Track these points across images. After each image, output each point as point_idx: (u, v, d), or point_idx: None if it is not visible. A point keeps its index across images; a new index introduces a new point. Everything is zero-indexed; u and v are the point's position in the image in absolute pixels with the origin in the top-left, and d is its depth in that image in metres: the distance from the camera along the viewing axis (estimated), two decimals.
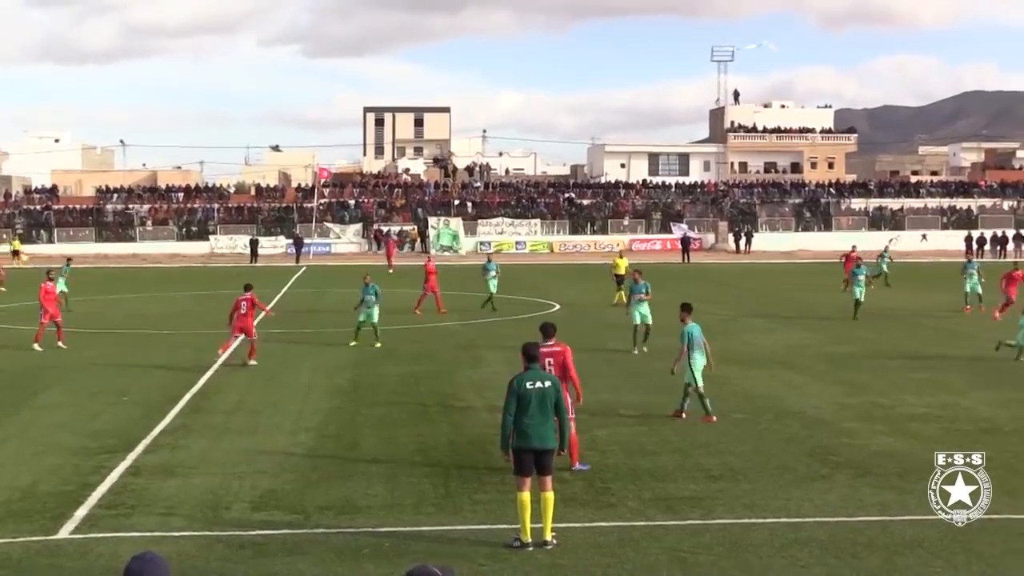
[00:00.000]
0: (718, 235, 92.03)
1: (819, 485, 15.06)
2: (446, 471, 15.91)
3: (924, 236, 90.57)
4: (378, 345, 29.63)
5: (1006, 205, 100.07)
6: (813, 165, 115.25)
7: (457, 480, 15.37)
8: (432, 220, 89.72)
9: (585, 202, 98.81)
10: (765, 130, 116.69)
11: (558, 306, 41.36)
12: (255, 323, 27.47)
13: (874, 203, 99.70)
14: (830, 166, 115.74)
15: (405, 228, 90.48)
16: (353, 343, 29.86)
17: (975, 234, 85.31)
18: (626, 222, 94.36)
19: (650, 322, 28.72)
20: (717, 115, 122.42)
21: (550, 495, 12.51)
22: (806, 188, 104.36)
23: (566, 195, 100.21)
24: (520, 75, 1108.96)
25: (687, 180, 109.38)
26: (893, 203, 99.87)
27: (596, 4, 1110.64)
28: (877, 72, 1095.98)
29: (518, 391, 12.70)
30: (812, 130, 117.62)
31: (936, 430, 18.76)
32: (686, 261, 75.36)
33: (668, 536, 12.81)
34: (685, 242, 79.64)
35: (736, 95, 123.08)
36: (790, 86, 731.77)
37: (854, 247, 50.69)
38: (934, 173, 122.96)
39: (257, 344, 26.87)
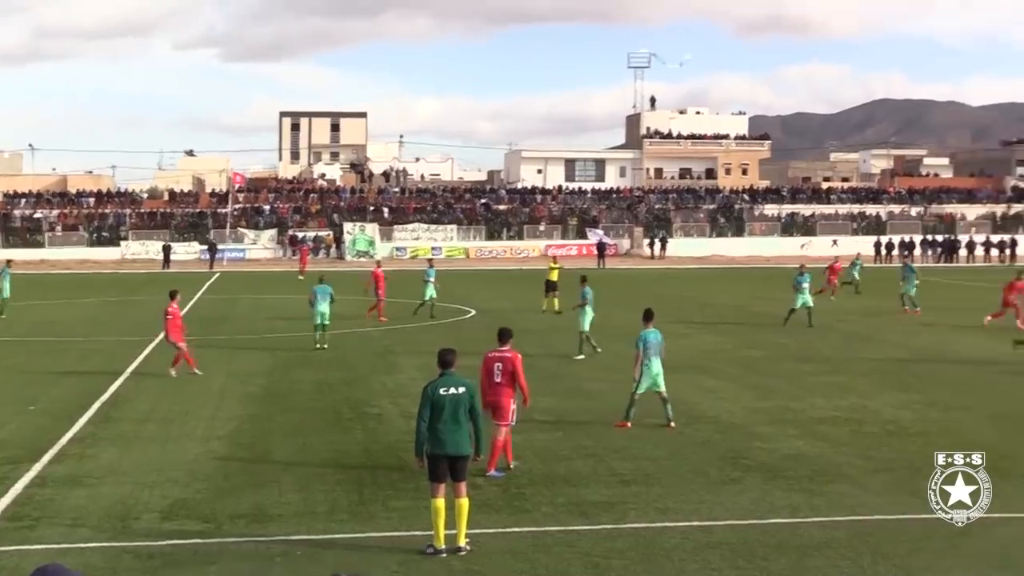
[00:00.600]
0: (633, 241, 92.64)
1: (731, 488, 15.23)
2: (360, 478, 15.83)
3: (835, 242, 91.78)
4: (322, 346, 30.12)
5: (913, 211, 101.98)
6: (727, 171, 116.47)
7: (371, 487, 15.31)
8: (348, 226, 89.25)
9: (502, 208, 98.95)
10: (680, 136, 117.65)
11: (473, 312, 41.37)
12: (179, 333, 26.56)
13: (787, 209, 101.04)
14: (744, 172, 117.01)
15: (320, 234, 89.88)
16: (323, 345, 30.29)
17: (883, 240, 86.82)
18: (542, 228, 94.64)
19: (583, 329, 29.00)
20: (633, 121, 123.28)
21: (465, 501, 12.51)
22: (720, 194, 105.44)
23: (483, 201, 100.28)
24: (438, 81, 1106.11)
25: (603, 186, 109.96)
26: (805, 209, 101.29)
27: (515, 10, 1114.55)
28: (790, 80, 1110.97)
29: (432, 397, 12.69)
30: (727, 136, 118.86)
31: (845, 433, 19.07)
32: (601, 267, 75.65)
33: (582, 541, 12.86)
34: (601, 247, 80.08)
35: (652, 101, 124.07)
36: (706, 93, 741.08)
37: (837, 258, 52.17)
38: (845, 180, 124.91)
39: (182, 355, 25.93)
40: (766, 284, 58.60)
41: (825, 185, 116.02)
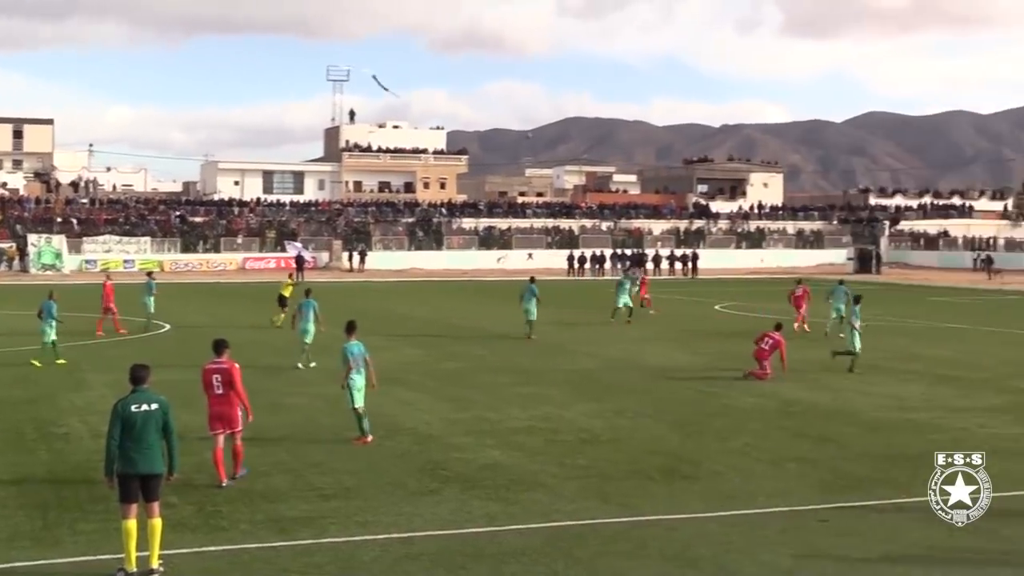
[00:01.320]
0: (332, 253, 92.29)
1: (430, 499, 15.37)
2: (45, 501, 15.08)
3: (530, 255, 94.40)
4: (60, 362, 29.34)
5: (604, 226, 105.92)
6: (426, 185, 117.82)
7: (57, 511, 14.61)
8: (32, 237, 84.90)
9: (198, 220, 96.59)
10: (379, 150, 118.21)
11: (168, 326, 40.17)
12: None
13: (484, 223, 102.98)
14: (442, 186, 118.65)
15: (2, 246, 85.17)
16: (60, 361, 29.52)
17: (576, 253, 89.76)
18: (240, 240, 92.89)
19: (309, 340, 29.12)
20: (332, 134, 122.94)
21: (157, 522, 12.13)
22: (419, 208, 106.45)
23: (178, 212, 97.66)
24: (132, 89, 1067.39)
25: (302, 198, 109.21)
26: (502, 223, 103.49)
27: (211, 20, 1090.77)
28: (487, 96, 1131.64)
29: (123, 414, 12.26)
30: (425, 151, 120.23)
31: (540, 442, 19.58)
32: (300, 280, 75.01)
33: (279, 557, 12.69)
34: (299, 261, 79.37)
35: (351, 115, 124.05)
36: (405, 107, 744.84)
37: (647, 270, 53.69)
38: (539, 194, 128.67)
39: None
40: (465, 297, 59.62)
41: (520, 200, 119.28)
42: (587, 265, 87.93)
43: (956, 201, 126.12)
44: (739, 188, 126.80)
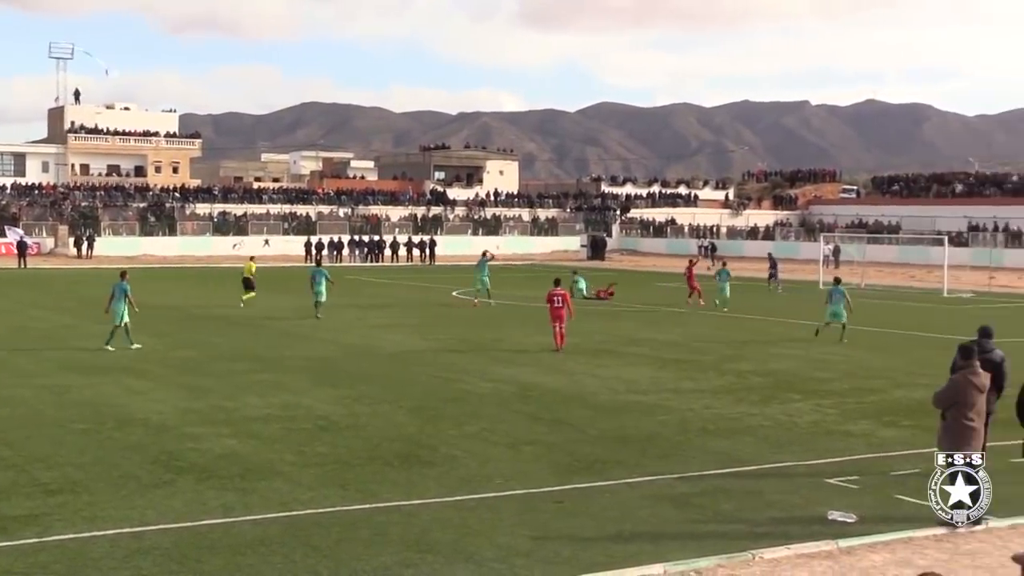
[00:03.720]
0: (58, 239, 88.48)
1: (163, 491, 14.94)
2: None
3: (267, 241, 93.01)
4: None
5: (342, 212, 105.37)
6: (158, 169, 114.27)
7: None
8: None
9: None
10: (108, 132, 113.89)
11: None
12: None
13: (219, 208, 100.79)
14: (175, 171, 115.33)
15: None
16: None
17: (314, 240, 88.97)
18: None
19: (122, 322, 29.80)
20: (56, 114, 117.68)
21: None
22: (151, 192, 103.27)
23: None
24: None
25: (24, 181, 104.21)
26: (237, 208, 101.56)
27: None
28: (222, 79, 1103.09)
29: None
30: (157, 134, 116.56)
31: (278, 430, 19.33)
32: (23, 266, 71.79)
33: (1, 559, 12.09)
34: (21, 247, 75.84)
35: (77, 95, 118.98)
36: (135, 89, 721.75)
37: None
38: (276, 180, 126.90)
39: None
40: (199, 284, 58.23)
41: (256, 185, 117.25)
42: (325, 251, 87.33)
43: (682, 190, 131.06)
44: (476, 175, 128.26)
